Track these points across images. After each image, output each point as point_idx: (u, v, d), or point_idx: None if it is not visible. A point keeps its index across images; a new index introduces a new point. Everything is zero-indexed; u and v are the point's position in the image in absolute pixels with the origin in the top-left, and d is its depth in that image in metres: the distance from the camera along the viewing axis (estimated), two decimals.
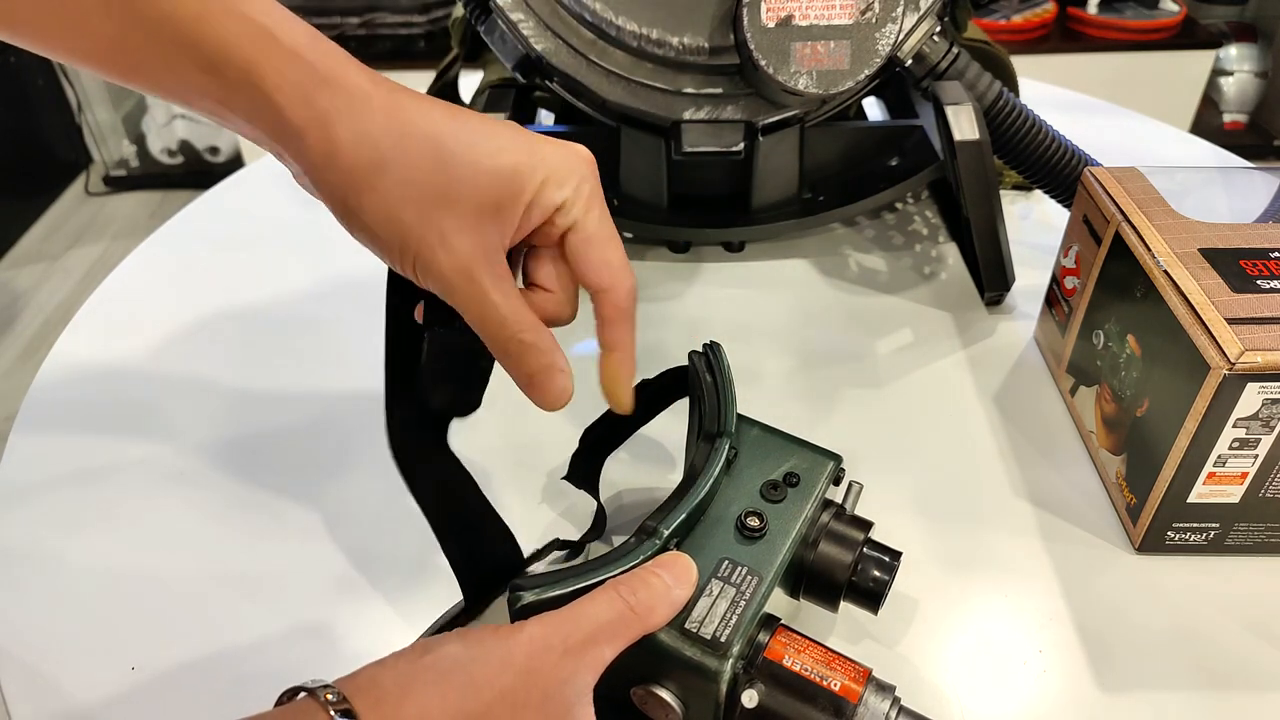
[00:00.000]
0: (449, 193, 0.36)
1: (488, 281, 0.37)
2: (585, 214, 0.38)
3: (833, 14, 0.55)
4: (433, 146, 0.36)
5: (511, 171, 0.36)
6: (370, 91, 0.36)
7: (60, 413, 0.59)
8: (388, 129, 0.35)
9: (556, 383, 0.39)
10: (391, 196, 0.35)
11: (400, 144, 0.35)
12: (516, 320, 0.37)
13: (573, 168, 0.38)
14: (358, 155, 0.35)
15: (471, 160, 0.36)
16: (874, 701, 0.36)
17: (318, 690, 0.30)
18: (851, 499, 0.43)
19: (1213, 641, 0.45)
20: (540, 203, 0.37)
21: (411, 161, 0.35)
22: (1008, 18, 2.03)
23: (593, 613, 0.34)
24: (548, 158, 0.37)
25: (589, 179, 0.38)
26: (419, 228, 0.36)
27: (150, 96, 0.43)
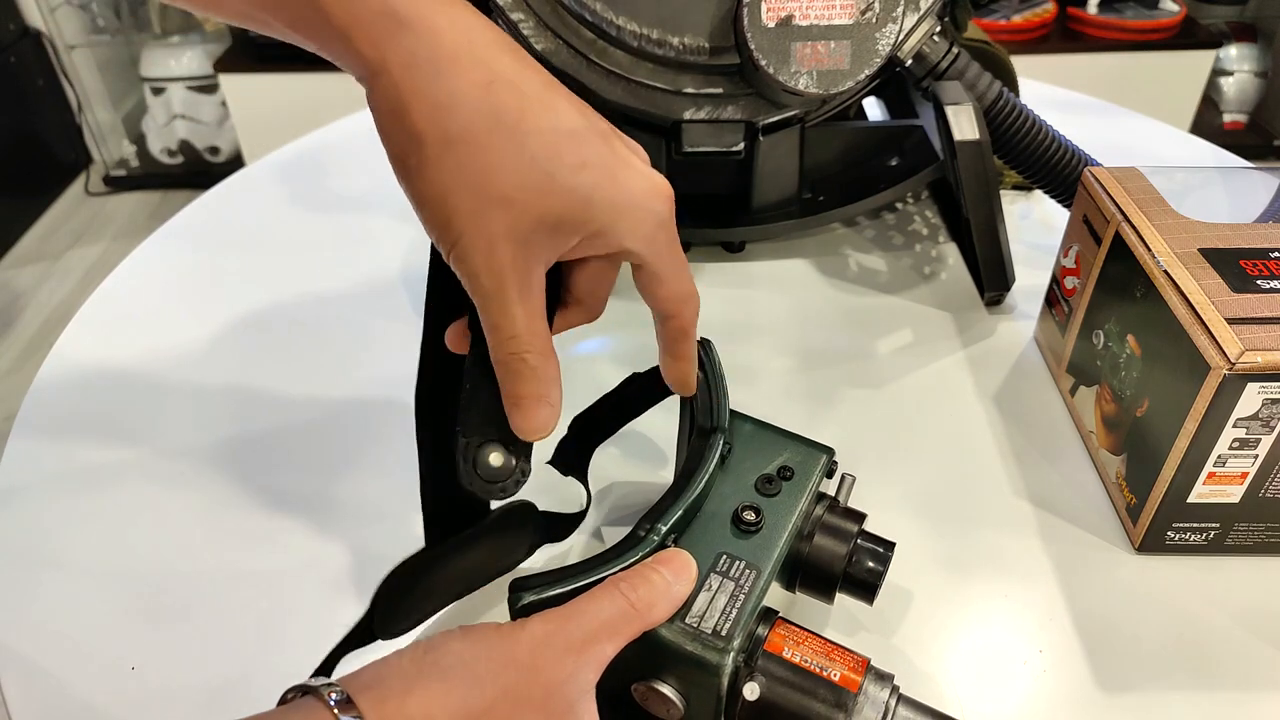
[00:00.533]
0: (514, 196, 0.33)
1: (514, 294, 0.34)
2: (655, 258, 0.37)
3: (833, 14, 0.55)
4: (512, 140, 0.33)
5: (586, 198, 0.34)
6: (458, 46, 0.32)
7: (60, 413, 0.59)
8: (467, 102, 0.32)
9: (540, 415, 0.36)
10: (452, 178, 0.33)
11: (477, 124, 0.32)
12: (528, 340, 0.35)
13: (651, 211, 0.35)
14: (428, 123, 0.32)
15: (549, 170, 0.33)
16: (874, 690, 0.36)
17: (321, 689, 0.30)
18: (845, 491, 0.44)
19: (1213, 641, 0.45)
20: (607, 240, 0.35)
21: (484, 149, 0.32)
22: (1008, 18, 2.03)
23: (594, 610, 0.34)
24: (628, 191, 0.35)
25: (665, 224, 0.36)
26: (470, 220, 0.33)
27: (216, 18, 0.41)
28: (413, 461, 0.54)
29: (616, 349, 0.63)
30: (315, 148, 0.88)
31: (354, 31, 0.32)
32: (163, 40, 2.37)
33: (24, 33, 2.30)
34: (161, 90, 2.38)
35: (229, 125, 2.35)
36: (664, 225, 0.36)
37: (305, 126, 0.95)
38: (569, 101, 0.35)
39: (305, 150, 0.88)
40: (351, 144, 0.88)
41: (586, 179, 0.34)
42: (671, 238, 0.37)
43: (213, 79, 2.27)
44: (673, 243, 0.37)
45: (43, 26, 2.32)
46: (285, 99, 2.10)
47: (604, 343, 0.63)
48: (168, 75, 2.36)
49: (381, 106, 0.33)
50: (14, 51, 2.26)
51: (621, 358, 0.62)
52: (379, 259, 0.72)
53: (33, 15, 2.31)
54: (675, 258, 0.37)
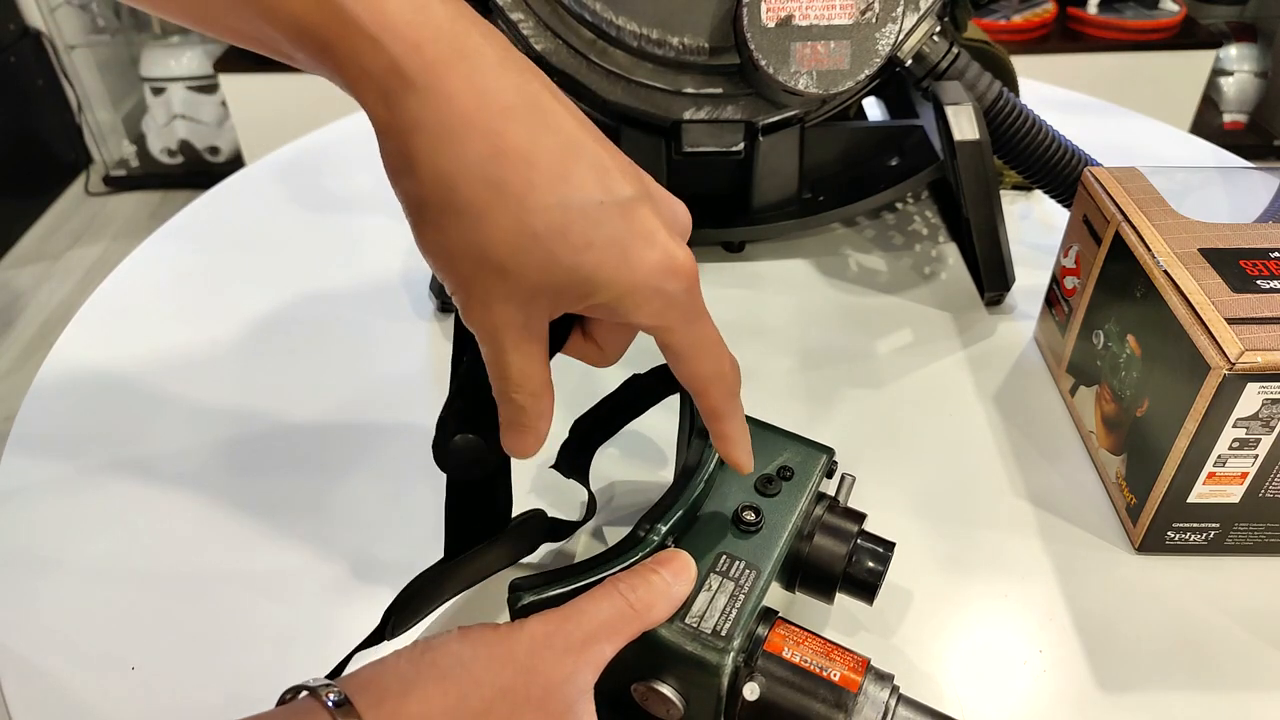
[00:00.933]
0: (512, 268, 0.32)
1: (510, 345, 0.34)
2: (669, 335, 0.35)
3: (833, 14, 0.55)
4: (515, 215, 0.32)
5: (588, 278, 0.33)
6: (468, 113, 0.31)
7: (60, 413, 0.59)
8: (472, 174, 0.31)
9: (525, 441, 0.37)
10: (453, 242, 0.32)
11: (480, 196, 0.31)
12: (519, 382, 0.35)
13: (660, 291, 0.34)
14: (434, 188, 0.32)
15: (550, 248, 0.32)
16: (874, 690, 0.36)
17: (319, 689, 0.31)
18: (844, 491, 0.44)
19: (1213, 641, 0.45)
20: (612, 313, 0.34)
21: (485, 221, 0.32)
22: (1008, 18, 2.03)
23: (593, 610, 0.34)
24: (637, 271, 0.33)
25: (678, 303, 0.34)
26: (469, 281, 0.33)
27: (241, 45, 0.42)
28: (412, 460, 0.54)
29: None
30: (315, 148, 0.88)
31: (363, 87, 0.31)
32: (163, 40, 2.37)
33: (24, 33, 2.30)
34: (161, 90, 2.38)
35: (229, 125, 2.35)
36: (675, 304, 0.34)
37: (305, 126, 0.95)
38: (590, 169, 0.33)
39: (305, 150, 0.88)
40: (351, 144, 0.88)
41: (590, 259, 0.32)
42: (688, 315, 0.35)
43: (213, 79, 2.28)
44: (690, 321, 0.35)
45: (43, 26, 2.32)
46: (285, 99, 2.11)
47: None
48: (168, 75, 2.36)
49: (389, 163, 0.33)
50: (14, 51, 2.26)
51: (622, 359, 0.62)
52: (379, 259, 0.72)
53: (33, 15, 2.31)
54: (693, 335, 0.36)
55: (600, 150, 0.34)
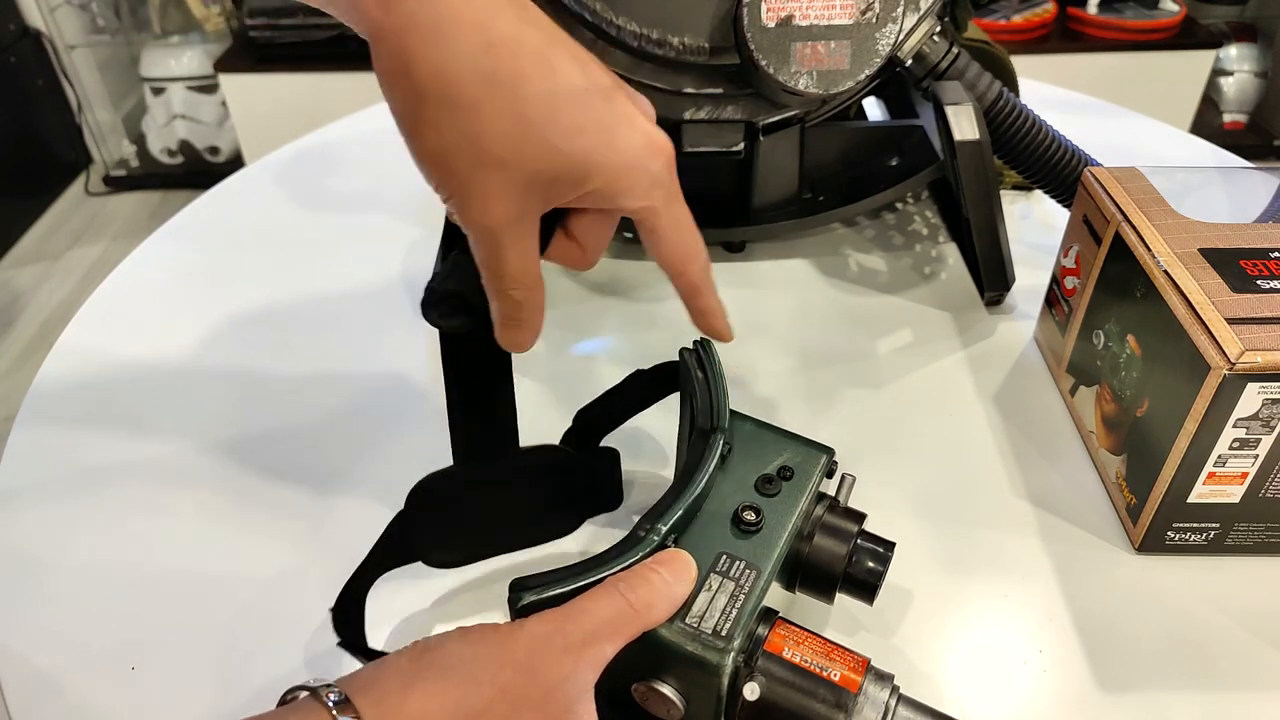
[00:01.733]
0: (509, 158, 0.34)
1: (507, 241, 0.36)
2: (654, 216, 0.38)
3: (833, 14, 0.55)
4: (509, 103, 0.33)
5: (582, 161, 0.35)
6: (458, 8, 0.33)
7: (60, 413, 0.59)
8: (465, 66, 0.33)
9: (520, 336, 0.39)
10: (450, 138, 0.34)
11: (474, 88, 0.33)
12: (516, 278, 0.37)
13: (647, 171, 0.36)
14: (427, 85, 0.33)
15: (544, 134, 0.34)
16: (874, 690, 0.36)
17: (319, 690, 0.31)
18: (844, 491, 0.44)
19: (1213, 641, 0.45)
20: (603, 198, 0.36)
21: (480, 112, 0.33)
22: (1008, 18, 2.03)
23: (593, 610, 0.34)
24: (625, 152, 0.35)
25: (662, 181, 0.37)
26: (467, 178, 0.34)
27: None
28: (412, 460, 0.54)
29: (616, 349, 0.63)
30: (315, 148, 0.88)
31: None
32: (163, 40, 2.37)
33: (24, 33, 2.30)
34: (161, 90, 2.38)
35: (229, 125, 2.35)
36: (660, 183, 0.37)
37: (305, 126, 0.95)
38: (571, 59, 0.35)
39: (305, 150, 0.88)
40: (351, 144, 0.88)
41: (583, 143, 0.34)
42: (669, 194, 0.37)
43: (213, 79, 2.27)
44: (671, 199, 0.38)
45: (43, 26, 2.32)
46: (285, 99, 2.10)
47: (604, 343, 0.63)
48: (168, 75, 2.36)
49: (384, 67, 0.34)
50: (14, 51, 2.26)
51: (622, 358, 0.62)
52: (379, 259, 0.72)
53: (33, 15, 2.31)
54: (674, 215, 0.38)
55: (575, 44, 0.36)
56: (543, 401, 0.50)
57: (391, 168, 0.83)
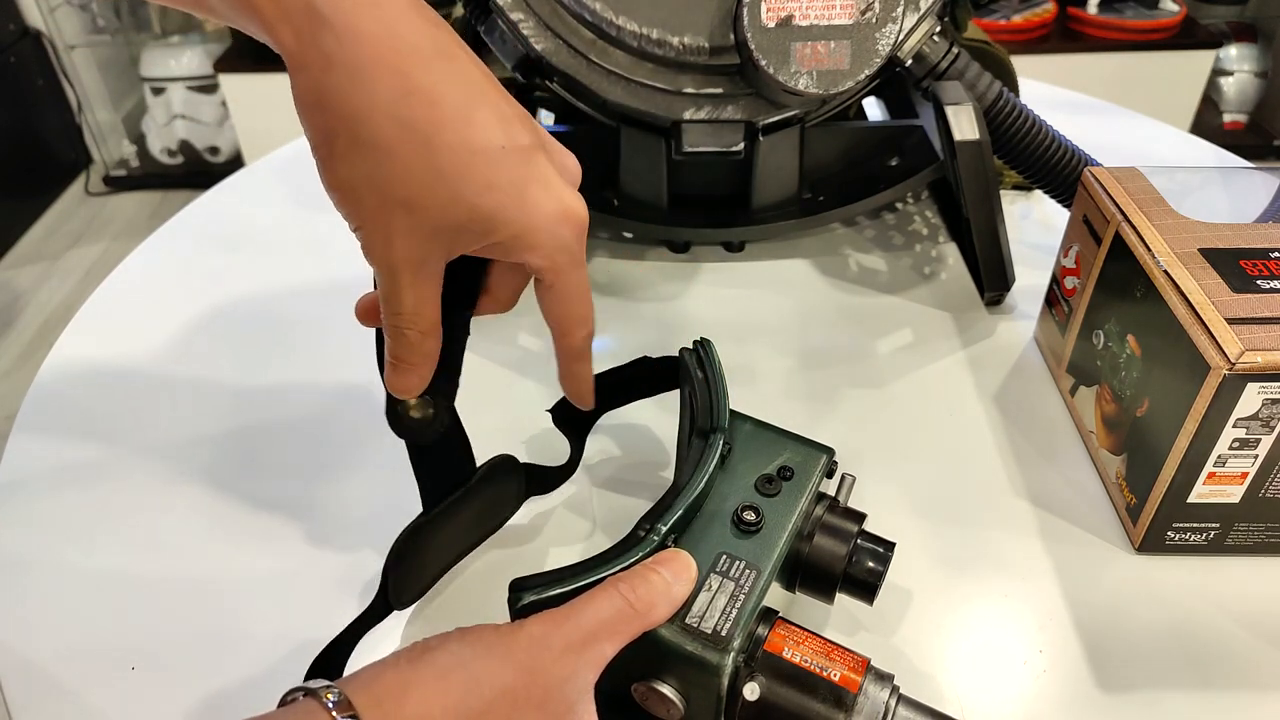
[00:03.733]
0: (416, 202, 0.34)
1: (407, 281, 0.36)
2: (555, 277, 0.38)
3: (833, 14, 0.55)
4: (421, 153, 0.33)
5: (489, 216, 0.35)
6: (378, 52, 0.33)
7: (60, 413, 0.59)
8: (380, 112, 0.33)
9: (408, 379, 0.39)
10: (360, 176, 0.34)
11: (388, 133, 0.33)
12: (411, 319, 0.37)
13: (554, 235, 0.36)
14: (343, 124, 0.33)
15: (454, 186, 0.34)
16: (874, 690, 0.36)
17: (319, 691, 0.31)
18: (844, 491, 0.44)
19: (1213, 641, 0.45)
20: (507, 251, 0.37)
21: (392, 157, 0.33)
22: (1008, 18, 2.03)
23: (593, 610, 0.34)
24: (534, 214, 0.36)
25: (568, 247, 0.37)
26: (373, 215, 0.35)
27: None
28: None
29: (617, 349, 0.63)
30: None
31: (277, 22, 0.33)
32: (163, 40, 2.37)
33: (24, 33, 2.30)
34: (161, 90, 2.38)
35: (229, 125, 2.35)
36: (565, 249, 0.37)
37: None
38: (492, 114, 0.35)
39: (305, 150, 0.87)
40: None
41: (492, 199, 0.35)
42: (574, 261, 0.38)
43: (213, 79, 2.28)
44: (574, 266, 0.38)
45: (43, 26, 2.32)
46: (285, 99, 2.06)
47: (604, 343, 0.63)
48: (168, 75, 2.36)
49: (299, 97, 0.34)
50: (14, 51, 2.26)
51: (622, 358, 0.62)
52: None
53: (33, 15, 2.31)
54: (572, 282, 0.38)
55: (501, 99, 0.36)
56: (543, 401, 0.50)
57: None
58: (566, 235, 0.37)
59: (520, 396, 0.59)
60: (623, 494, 0.52)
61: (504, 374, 0.60)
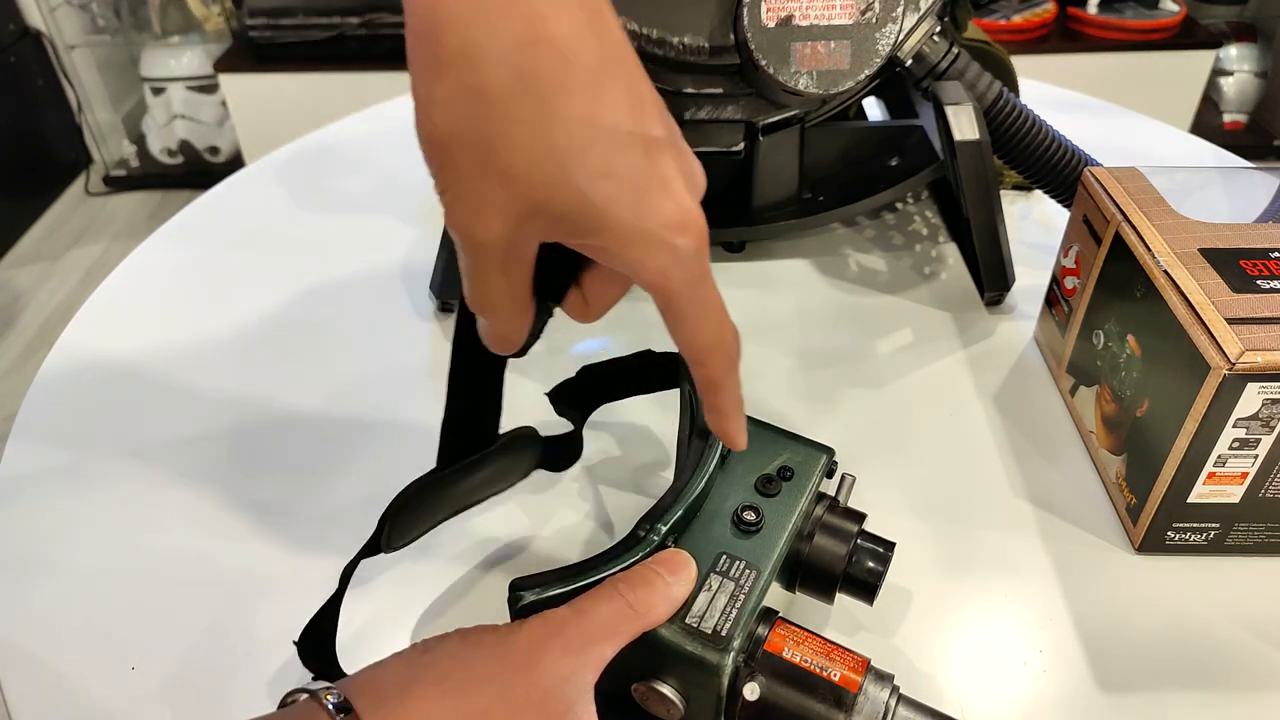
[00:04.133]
0: (519, 176, 0.29)
1: (494, 262, 0.31)
2: (668, 297, 0.32)
3: (833, 14, 0.55)
4: (536, 116, 0.28)
5: (598, 210, 0.29)
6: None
7: (60, 413, 0.59)
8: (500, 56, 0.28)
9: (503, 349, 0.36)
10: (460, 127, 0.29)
11: (503, 84, 0.28)
12: (496, 303, 0.33)
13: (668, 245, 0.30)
14: (455, 60, 0.28)
15: (565, 164, 0.29)
16: (874, 690, 0.36)
17: (319, 692, 0.31)
18: (844, 491, 0.44)
19: (1213, 641, 0.45)
20: (610, 258, 0.31)
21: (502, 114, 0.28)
22: (1008, 18, 2.03)
23: (593, 611, 0.34)
24: (650, 216, 0.30)
25: (685, 261, 0.31)
26: (466, 179, 0.30)
27: None
28: (411, 460, 0.54)
29: (616, 349, 0.63)
30: (315, 148, 0.88)
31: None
32: (163, 40, 2.37)
33: (24, 33, 2.30)
34: (161, 90, 2.38)
35: (229, 125, 2.35)
36: (682, 262, 0.31)
37: (305, 126, 0.95)
38: (625, 91, 0.30)
39: (305, 150, 0.88)
40: (351, 144, 0.88)
41: (605, 190, 0.29)
42: (692, 277, 0.31)
43: (213, 79, 2.28)
44: (693, 283, 0.32)
45: (43, 26, 2.32)
46: (285, 99, 2.11)
47: (604, 343, 0.63)
48: (168, 75, 2.36)
49: (412, 23, 0.29)
50: (14, 51, 2.26)
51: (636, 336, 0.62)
52: (379, 259, 0.72)
53: (33, 15, 2.31)
54: (694, 300, 0.32)
55: (639, 77, 0.31)
56: (543, 401, 0.50)
57: (391, 168, 0.83)
58: (684, 248, 0.30)
59: (521, 399, 0.59)
60: (623, 494, 0.52)
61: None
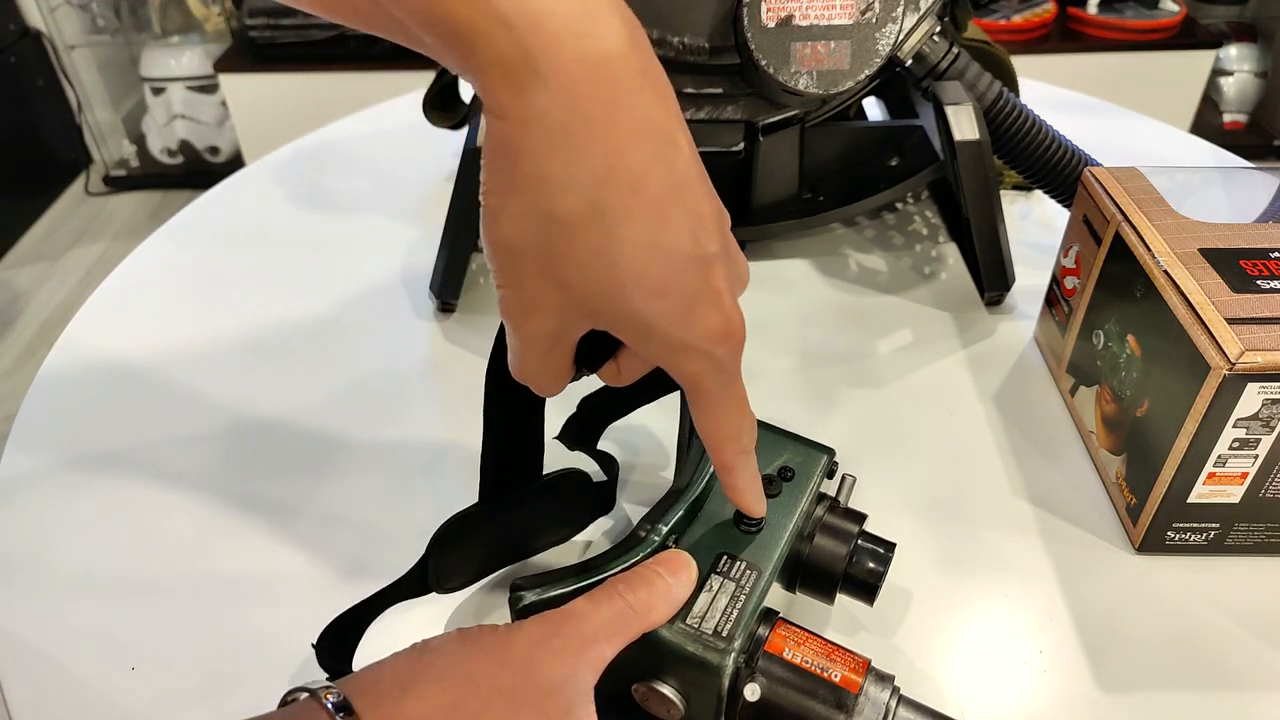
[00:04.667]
0: (576, 288, 0.31)
1: (538, 352, 0.34)
2: (700, 396, 0.35)
3: (833, 14, 0.55)
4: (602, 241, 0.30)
5: (647, 323, 0.32)
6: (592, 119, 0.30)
7: (60, 413, 0.59)
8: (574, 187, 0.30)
9: (547, 394, 0.38)
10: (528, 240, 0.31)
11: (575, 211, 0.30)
12: (538, 378, 0.36)
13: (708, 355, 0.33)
14: (529, 185, 0.30)
15: (623, 283, 0.31)
16: (874, 691, 0.36)
17: (319, 691, 0.31)
18: (845, 492, 0.44)
19: (1212, 641, 0.45)
20: (655, 359, 0.34)
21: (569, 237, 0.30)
22: (1008, 18, 2.03)
23: (593, 611, 0.34)
24: (695, 331, 0.32)
25: (722, 367, 0.34)
26: (527, 284, 0.32)
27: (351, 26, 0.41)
28: (411, 461, 0.54)
29: None
30: (315, 148, 0.88)
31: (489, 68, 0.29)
32: (163, 40, 2.37)
33: (24, 33, 2.30)
34: (161, 90, 2.38)
35: (229, 125, 2.35)
36: (719, 370, 0.34)
37: (305, 126, 0.95)
38: (689, 215, 0.32)
39: (305, 150, 0.88)
40: (351, 144, 0.88)
41: (657, 308, 0.32)
42: (724, 381, 0.34)
43: (213, 79, 2.28)
44: (725, 386, 0.34)
45: (43, 26, 2.32)
46: (285, 99, 2.11)
47: None
48: (168, 75, 2.36)
49: (491, 144, 0.31)
50: (14, 51, 2.26)
51: None
52: (379, 259, 0.72)
53: (33, 15, 2.31)
54: (723, 399, 0.35)
55: (703, 196, 0.33)
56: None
57: (391, 168, 0.83)
58: (722, 356, 0.33)
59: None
60: (623, 494, 0.52)
61: None
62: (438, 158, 0.84)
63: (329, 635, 0.40)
